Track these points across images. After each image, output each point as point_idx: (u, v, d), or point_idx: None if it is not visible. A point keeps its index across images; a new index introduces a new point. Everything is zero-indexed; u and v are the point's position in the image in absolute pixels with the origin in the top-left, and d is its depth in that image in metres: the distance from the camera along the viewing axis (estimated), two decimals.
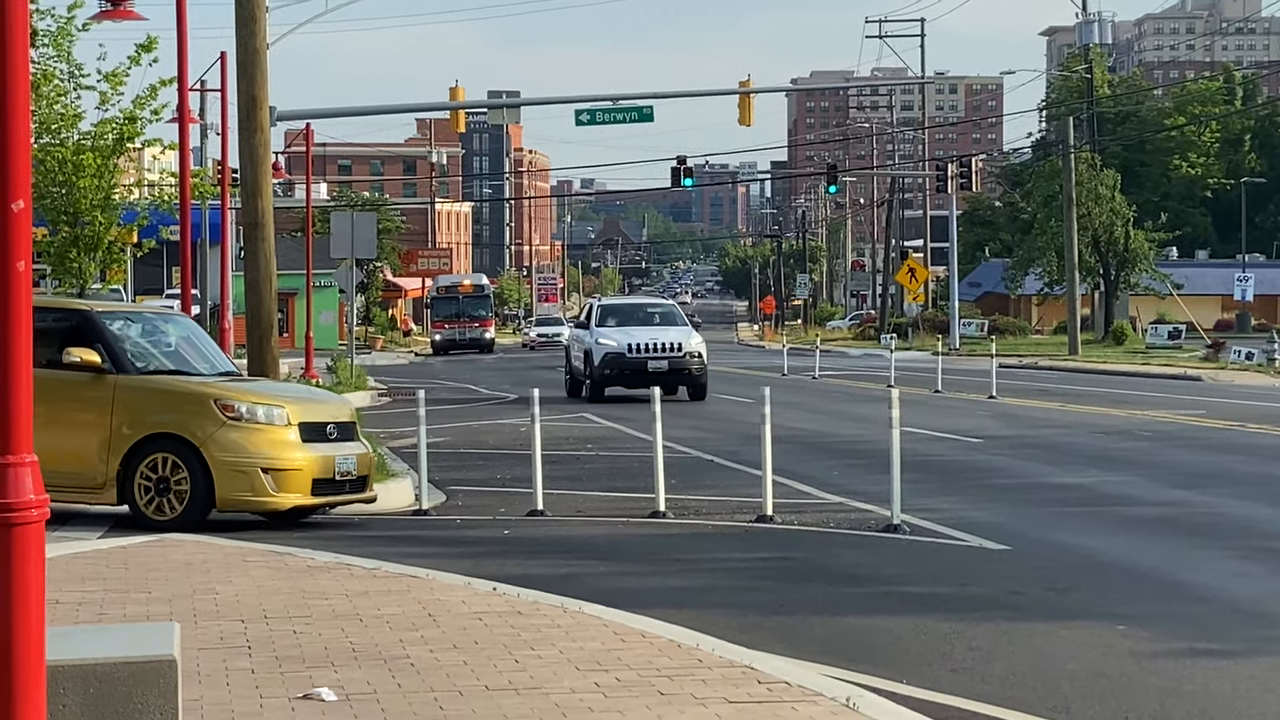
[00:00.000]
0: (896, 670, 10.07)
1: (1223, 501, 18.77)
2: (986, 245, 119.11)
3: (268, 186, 24.30)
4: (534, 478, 18.57)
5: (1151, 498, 19.27)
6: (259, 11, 24.06)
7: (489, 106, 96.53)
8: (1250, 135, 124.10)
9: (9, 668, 5.58)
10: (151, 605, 11.69)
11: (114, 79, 28.60)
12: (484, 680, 9.24)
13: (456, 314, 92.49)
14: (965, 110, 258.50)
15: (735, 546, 16.03)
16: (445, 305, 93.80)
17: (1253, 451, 25.16)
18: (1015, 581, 13.60)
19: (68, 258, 29.23)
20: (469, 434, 29.76)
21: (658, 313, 41.38)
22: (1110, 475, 21.77)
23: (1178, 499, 19.09)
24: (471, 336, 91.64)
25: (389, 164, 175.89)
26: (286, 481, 16.62)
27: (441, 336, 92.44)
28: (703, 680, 9.23)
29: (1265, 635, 11.28)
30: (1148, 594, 12.99)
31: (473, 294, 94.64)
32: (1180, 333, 79.46)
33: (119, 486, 16.58)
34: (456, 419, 33.01)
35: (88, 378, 16.75)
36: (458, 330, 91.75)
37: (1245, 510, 18.04)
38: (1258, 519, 17.38)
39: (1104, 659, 10.53)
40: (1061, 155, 75.68)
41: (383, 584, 12.67)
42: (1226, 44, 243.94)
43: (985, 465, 23.54)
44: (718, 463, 23.92)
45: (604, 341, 37.53)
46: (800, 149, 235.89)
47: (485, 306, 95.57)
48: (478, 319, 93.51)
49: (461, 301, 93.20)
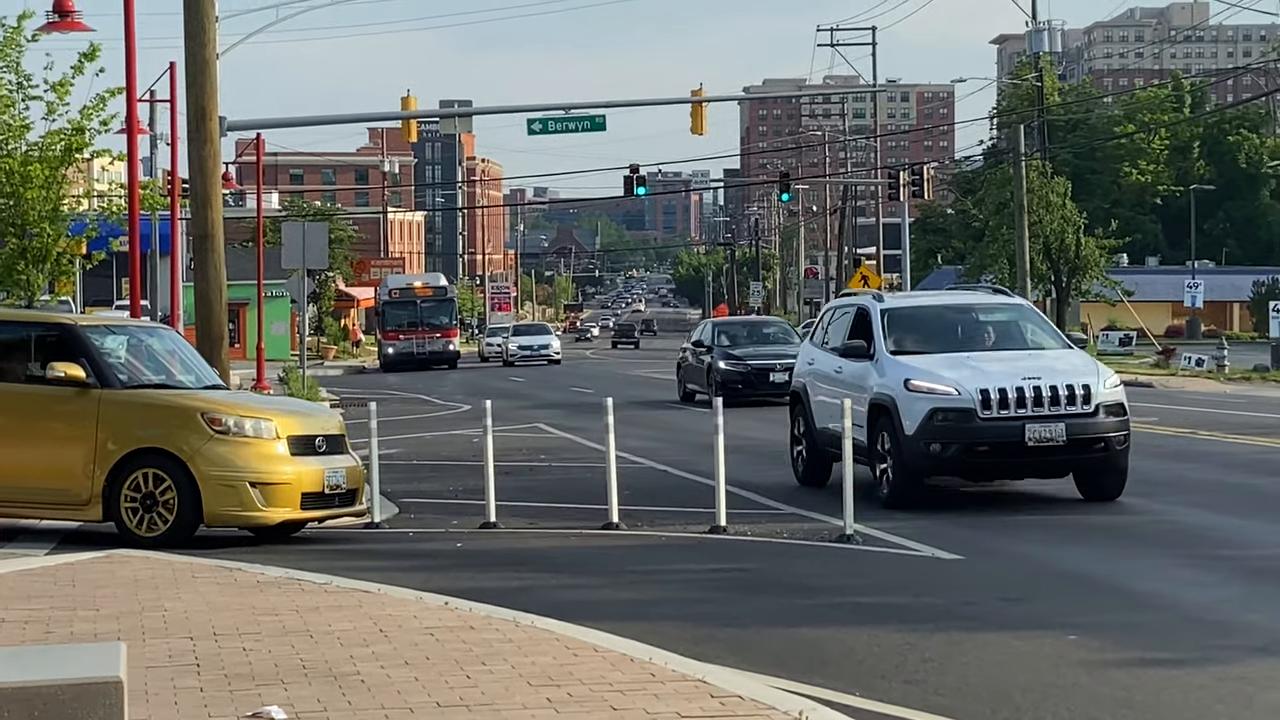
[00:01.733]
0: (850, 682, 10.05)
1: (1174, 509, 18.80)
2: (939, 252, 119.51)
3: (218, 197, 24.21)
4: (487, 490, 18.51)
5: (1104, 506, 19.29)
6: (208, 22, 23.97)
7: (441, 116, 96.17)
8: (1199, 143, 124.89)
9: None
10: (99, 623, 11.59)
11: (60, 89, 28.45)
12: (436, 697, 9.19)
13: (412, 322, 77.75)
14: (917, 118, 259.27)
15: (688, 558, 16.00)
16: (398, 311, 78.50)
17: (1204, 459, 25.22)
18: (968, 591, 13.62)
19: (15, 269, 29.05)
20: (422, 445, 29.67)
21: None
22: (1062, 483, 21.74)
23: (1130, 507, 19.10)
24: (431, 350, 77.13)
25: (341, 173, 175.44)
26: (275, 496, 16.52)
27: (394, 350, 77.28)
28: (655, 695, 9.20)
29: (1217, 644, 11.30)
30: (1100, 603, 13.00)
31: (432, 298, 79.70)
32: (1131, 339, 79.93)
33: (104, 503, 16.45)
34: (407, 429, 32.91)
35: (72, 392, 16.64)
36: (414, 341, 77.05)
37: (1197, 518, 18.09)
38: (1209, 527, 17.43)
39: (1056, 669, 10.54)
40: (1013, 163, 75.90)
41: (334, 599, 12.60)
42: (1175, 52, 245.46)
43: None
44: (671, 473, 23.90)
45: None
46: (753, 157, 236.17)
47: (447, 312, 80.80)
48: (439, 328, 78.62)
49: (419, 307, 78.34)
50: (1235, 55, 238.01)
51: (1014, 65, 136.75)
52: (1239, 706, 9.54)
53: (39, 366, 17.02)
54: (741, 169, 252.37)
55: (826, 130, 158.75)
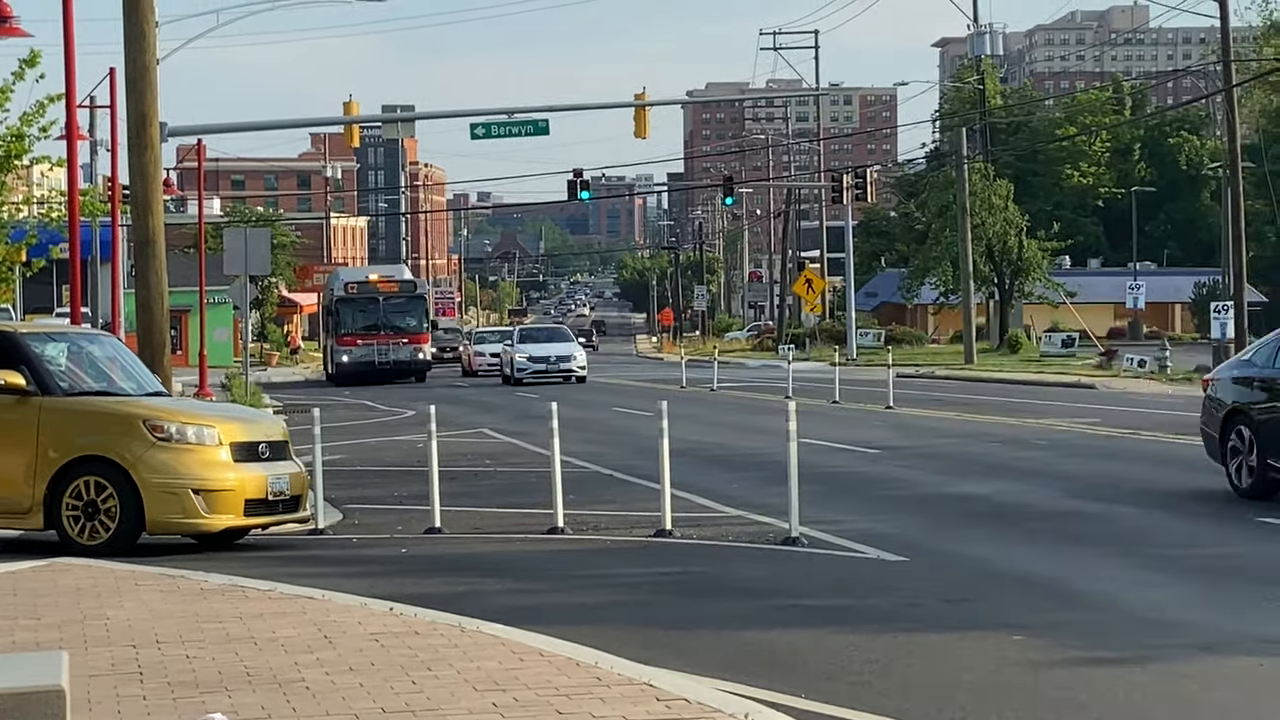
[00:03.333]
0: (795, 684, 10.07)
1: (1115, 509, 18.91)
2: (882, 255, 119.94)
3: (159, 204, 24.09)
4: (431, 495, 18.50)
5: (1047, 507, 19.41)
6: (148, 27, 23.86)
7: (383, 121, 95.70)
8: (1140, 145, 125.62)
9: None
10: (40, 632, 11.53)
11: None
12: (380, 703, 9.17)
13: (372, 324, 64.06)
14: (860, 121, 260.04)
15: (634, 562, 16.01)
16: (356, 311, 64.53)
17: (1146, 459, 25.41)
18: (913, 593, 13.65)
19: None
20: (366, 451, 29.61)
21: None
22: (1007, 485, 21.91)
23: (1073, 508, 19.22)
24: (397, 359, 64.15)
25: (283, 179, 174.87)
26: (218, 502, 16.48)
27: (350, 357, 63.63)
28: (601, 699, 9.20)
29: (1159, 643, 11.36)
30: (1043, 603, 13.06)
31: (398, 295, 66.13)
32: (1074, 341, 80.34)
33: (46, 511, 16.38)
34: (352, 434, 32.84)
35: (12, 400, 16.56)
36: (375, 348, 63.46)
37: (1140, 519, 18.20)
38: (1149, 527, 17.55)
39: (1000, 669, 10.59)
40: (955, 165, 76.33)
41: (278, 606, 12.56)
42: (1116, 54, 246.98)
43: (883, 476, 23.62)
44: (616, 477, 23.90)
45: None
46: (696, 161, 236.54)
47: (416, 313, 66.13)
48: (405, 332, 64.71)
49: (381, 306, 64.71)
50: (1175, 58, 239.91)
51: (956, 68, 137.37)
52: (1182, 705, 9.61)
53: None
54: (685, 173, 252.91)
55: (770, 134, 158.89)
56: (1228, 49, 56.04)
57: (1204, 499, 19.74)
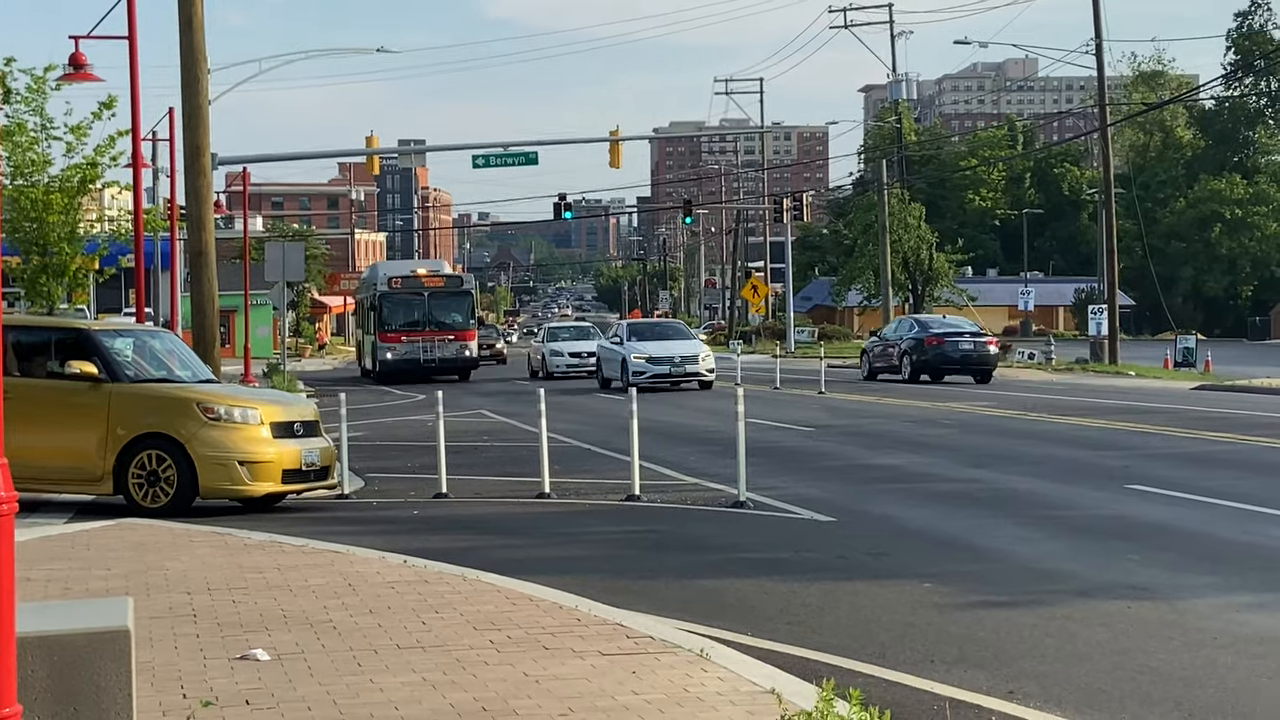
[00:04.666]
0: (743, 624, 10.08)
1: (1010, 478, 18.95)
2: (816, 266, 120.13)
3: (210, 221, 24.02)
4: (439, 465, 18.46)
5: (952, 475, 19.44)
6: (201, 74, 23.77)
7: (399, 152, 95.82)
8: (1030, 174, 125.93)
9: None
10: (110, 580, 11.49)
11: (78, 131, 28.34)
12: (395, 640, 9.16)
13: (419, 320, 52.75)
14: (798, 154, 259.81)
15: (608, 521, 16.01)
16: (400, 306, 53.11)
17: (1034, 436, 25.47)
18: (841, 548, 13.67)
19: (38, 283, 28.91)
20: (384, 429, 29.52)
21: None
22: (918, 457, 21.95)
23: (973, 476, 19.26)
24: (442, 356, 52.60)
25: (315, 200, 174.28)
26: (260, 472, 16.48)
27: (394, 355, 52.36)
28: (580, 636, 9.20)
29: (1044, 589, 11.41)
30: (949, 556, 13.10)
31: (443, 290, 54.30)
32: None
33: (115, 479, 16.40)
34: (372, 416, 32.74)
35: (87, 386, 16.54)
36: (421, 345, 52.31)
37: (1028, 485, 18.24)
38: (1038, 493, 17.59)
39: (913, 611, 10.62)
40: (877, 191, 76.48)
41: (309, 559, 12.53)
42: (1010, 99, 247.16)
43: (816, 450, 23.65)
44: (594, 450, 23.89)
45: None
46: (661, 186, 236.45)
47: (462, 308, 54.22)
48: (452, 328, 53.19)
49: (427, 301, 53.13)
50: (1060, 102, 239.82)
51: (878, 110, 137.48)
52: (1065, 640, 9.64)
53: (59, 365, 16.94)
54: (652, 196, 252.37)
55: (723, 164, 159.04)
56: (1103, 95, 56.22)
57: (1082, 469, 19.80)
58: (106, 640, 6.28)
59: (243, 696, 7.79)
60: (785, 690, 7.73)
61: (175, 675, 8.27)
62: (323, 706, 7.59)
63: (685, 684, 7.98)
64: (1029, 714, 7.81)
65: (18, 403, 15.19)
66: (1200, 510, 15.65)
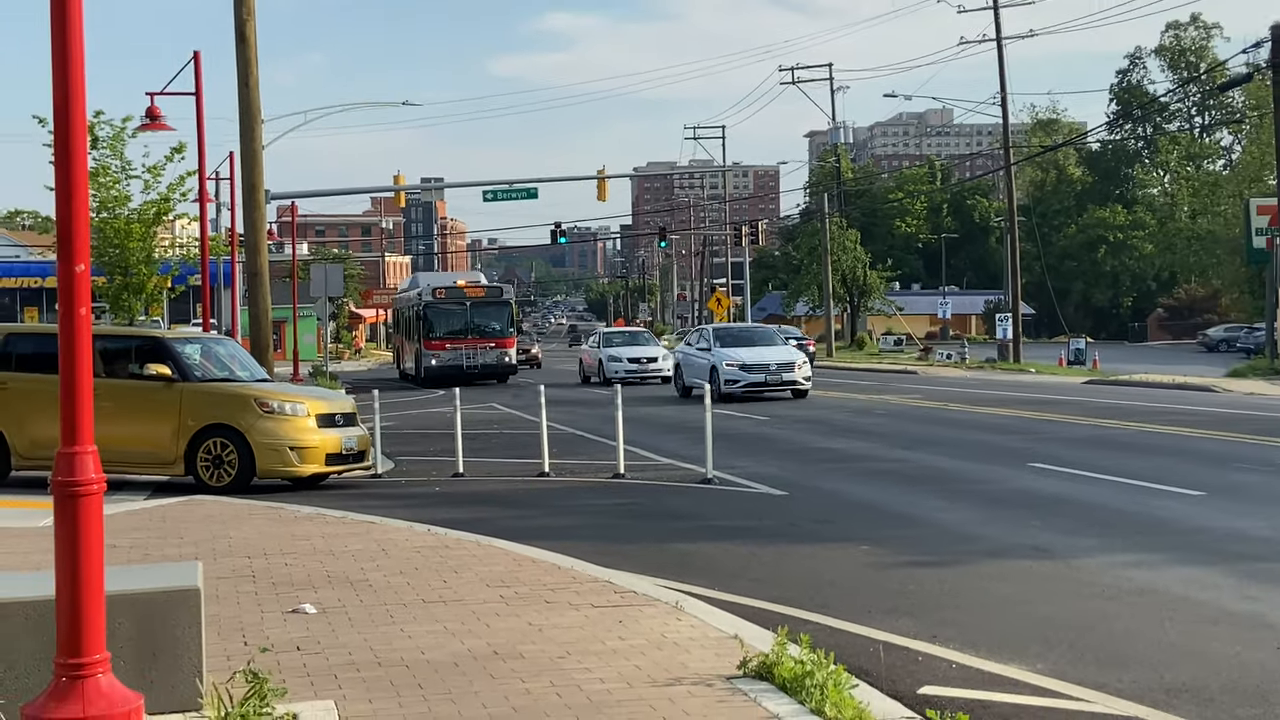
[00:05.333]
0: (711, 581, 10.08)
1: (932, 458, 19.00)
2: (770, 282, 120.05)
3: (264, 247, 23.93)
4: (456, 450, 18.43)
5: (886, 456, 19.48)
6: (256, 124, 23.69)
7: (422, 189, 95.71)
8: (947, 204, 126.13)
9: (79, 598, 5.45)
10: (183, 547, 11.46)
11: (154, 171, 28.26)
12: (421, 595, 9.15)
13: (462, 329, 47.94)
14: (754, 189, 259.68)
15: (598, 496, 16.00)
16: (445, 315, 48.19)
17: (953, 424, 25.53)
18: (793, 517, 13.68)
19: (120, 299, 28.84)
20: (410, 419, 29.46)
21: None
22: (857, 441, 21.97)
23: (902, 457, 19.30)
24: (485, 362, 47.63)
25: (351, 229, 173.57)
26: (308, 456, 16.50)
27: (438, 361, 46.93)
28: (576, 592, 9.20)
29: (963, 550, 11.43)
30: (884, 523, 13.12)
31: (484, 299, 48.97)
32: (902, 341, 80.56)
33: (186, 462, 16.42)
34: (401, 409, 32.66)
35: (162, 385, 16.56)
36: (464, 352, 47.40)
37: (947, 464, 18.29)
38: (957, 470, 17.63)
39: (854, 570, 10.63)
40: (820, 219, 76.49)
41: (349, 528, 12.51)
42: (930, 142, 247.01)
43: (771, 436, 23.66)
44: (587, 437, 23.86)
45: None
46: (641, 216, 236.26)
47: (502, 317, 48.91)
48: (493, 336, 48.22)
49: (469, 311, 48.28)
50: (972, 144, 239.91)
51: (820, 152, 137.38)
52: (979, 593, 9.67)
53: (139, 367, 16.91)
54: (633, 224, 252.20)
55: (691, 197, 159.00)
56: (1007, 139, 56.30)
57: (993, 450, 19.84)
58: (180, 598, 6.26)
59: (294, 644, 7.78)
60: (747, 636, 7.74)
61: (238, 626, 8.25)
62: (361, 651, 7.58)
63: (664, 631, 7.98)
64: (950, 654, 7.83)
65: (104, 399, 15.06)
66: (1091, 485, 15.69)
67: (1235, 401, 30.02)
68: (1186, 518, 12.99)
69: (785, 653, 6.83)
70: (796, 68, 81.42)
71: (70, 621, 5.41)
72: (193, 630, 6.24)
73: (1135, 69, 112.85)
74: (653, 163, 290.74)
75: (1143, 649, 7.96)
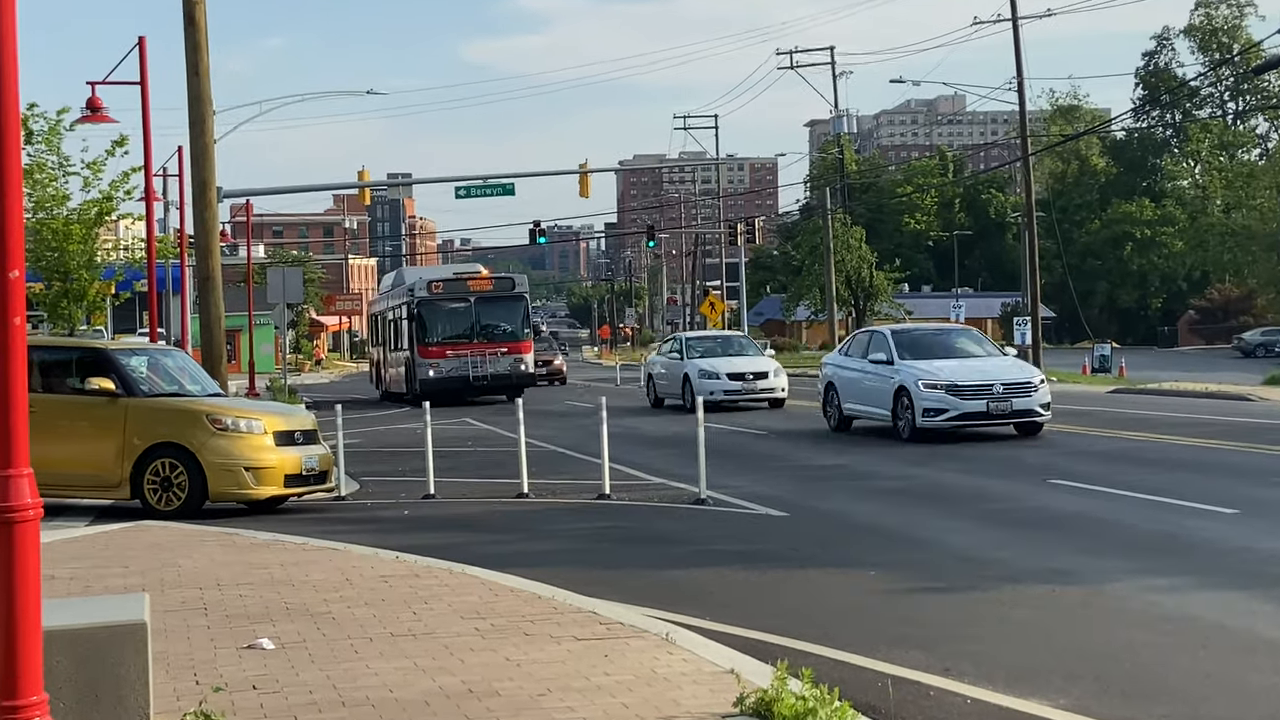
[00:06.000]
0: (704, 610, 10.07)
1: (942, 475, 18.98)
2: (768, 284, 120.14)
3: (216, 249, 23.90)
4: (427, 469, 18.42)
5: (892, 473, 19.48)
6: (207, 116, 23.67)
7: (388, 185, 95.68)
8: (959, 199, 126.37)
9: (14, 634, 5.44)
10: (128, 578, 11.42)
11: (94, 167, 28.22)
12: (389, 629, 9.13)
13: (466, 331, 41.36)
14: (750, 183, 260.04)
15: (581, 518, 15.99)
16: (444, 315, 41.60)
17: (963, 437, 25.49)
18: (793, 540, 13.69)
19: (59, 306, 28.78)
20: (377, 436, 29.44)
21: None
22: (862, 456, 21.99)
23: (911, 474, 19.29)
24: (495, 372, 41.04)
25: (311, 229, 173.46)
26: (264, 477, 16.46)
27: (438, 372, 40.66)
28: (557, 623, 9.19)
29: (975, 574, 11.44)
30: (891, 547, 13.11)
31: (493, 294, 42.53)
32: None
33: (131, 485, 16.40)
34: (367, 425, 32.63)
35: (105, 400, 16.51)
36: (469, 360, 40.86)
37: (959, 481, 18.29)
38: (968, 488, 17.63)
39: (858, 597, 10.64)
40: (822, 216, 76.63)
41: (310, 555, 12.48)
42: (941, 132, 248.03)
43: (769, 452, 23.65)
44: (568, 454, 23.85)
45: None
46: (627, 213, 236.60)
47: (515, 316, 42.41)
48: (505, 340, 41.65)
49: (475, 308, 41.75)
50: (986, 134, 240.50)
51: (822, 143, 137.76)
52: (995, 621, 9.68)
53: (79, 381, 16.88)
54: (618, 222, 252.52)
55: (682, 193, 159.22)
56: (1024, 127, 56.49)
57: (1009, 466, 19.85)
58: (125, 633, 6.26)
59: (250, 682, 7.76)
60: (744, 670, 7.74)
61: (189, 664, 8.23)
62: (323, 690, 7.57)
63: (653, 665, 7.98)
64: (964, 689, 7.84)
65: (43, 416, 15.10)
66: (1116, 502, 15.72)
67: (1272, 411, 30.10)
68: (1220, 538, 13.02)
69: (786, 688, 6.84)
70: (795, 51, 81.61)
71: (4, 661, 5.40)
72: (138, 668, 6.24)
73: (1163, 51, 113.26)
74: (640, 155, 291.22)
75: (1174, 681, 7.98)
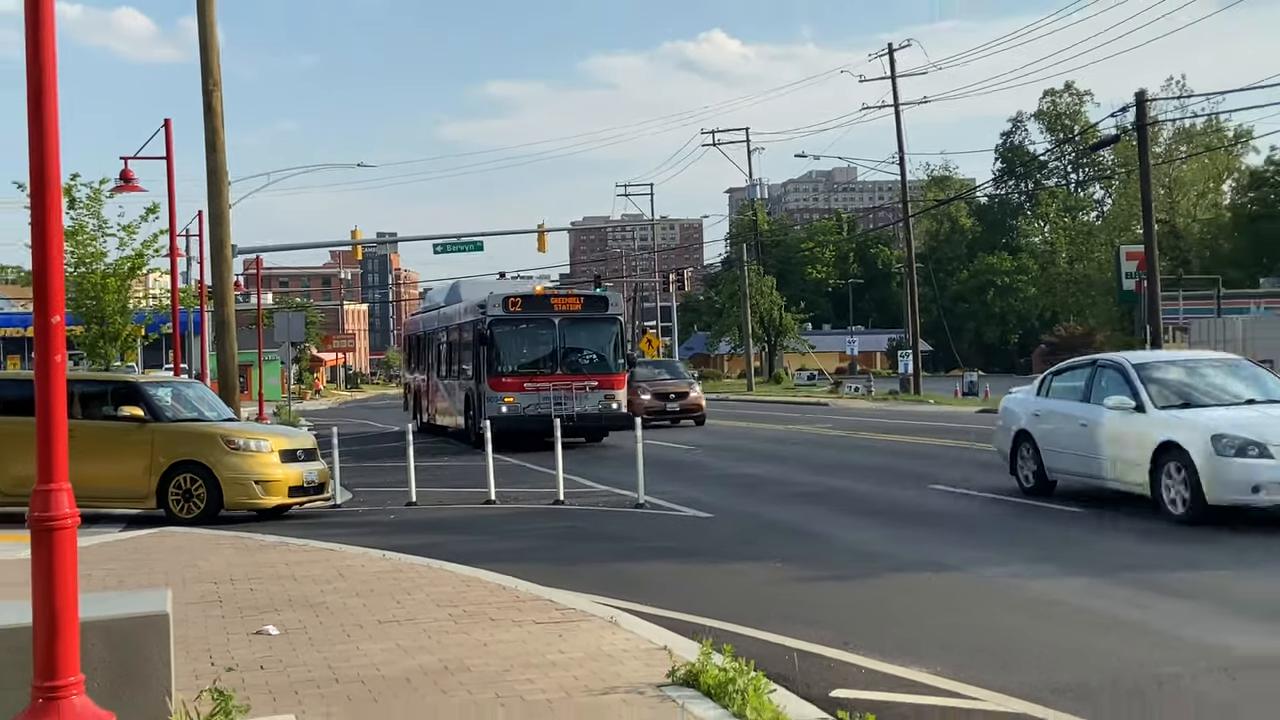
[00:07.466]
0: (643, 597, 10.04)
1: (843, 482, 19.07)
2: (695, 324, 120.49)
3: (230, 297, 23.70)
4: (409, 481, 18.28)
5: (800, 480, 19.52)
6: (223, 185, 23.51)
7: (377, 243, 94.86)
8: (853, 253, 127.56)
9: (54, 624, 5.35)
10: (154, 575, 11.25)
11: (129, 230, 28.01)
12: (377, 616, 9.04)
13: (549, 360, 27.11)
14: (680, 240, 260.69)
15: (539, 520, 15.91)
16: (523, 339, 27.24)
17: (861, 449, 25.68)
18: (716, 538, 13.67)
19: (97, 346, 28.49)
20: (368, 453, 29.16)
21: None
22: (774, 467, 22.03)
23: (815, 481, 19.36)
24: (583, 410, 26.67)
25: (312, 279, 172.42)
26: (271, 489, 16.26)
27: (511, 409, 26.40)
28: (519, 609, 9.13)
29: (863, 565, 11.47)
30: (800, 542, 13.13)
31: (582, 314, 27.49)
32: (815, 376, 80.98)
33: (158, 496, 16.17)
34: (360, 444, 32.33)
35: (135, 425, 16.32)
36: (553, 395, 26.64)
37: (856, 487, 18.37)
38: (864, 493, 17.71)
39: (765, 584, 10.64)
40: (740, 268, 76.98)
41: (309, 555, 12.35)
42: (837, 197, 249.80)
43: (697, 463, 23.66)
44: (529, 467, 23.72)
45: None
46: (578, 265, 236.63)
47: (608, 343, 27.59)
48: (594, 371, 27.17)
49: (560, 331, 27.13)
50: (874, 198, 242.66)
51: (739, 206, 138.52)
52: (879, 604, 9.71)
53: (114, 409, 16.64)
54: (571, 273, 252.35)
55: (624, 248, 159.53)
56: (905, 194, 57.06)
57: (897, 473, 19.96)
58: (150, 622, 6.15)
59: (258, 663, 7.65)
60: (675, 647, 7.73)
61: (205, 648, 8.11)
62: (320, 669, 7.47)
63: (600, 644, 7.94)
64: (858, 659, 7.85)
65: (82, 439, 14.87)
66: (986, 504, 15.84)
67: None
68: (1083, 533, 13.12)
69: (710, 662, 6.83)
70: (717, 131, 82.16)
71: (46, 647, 5.31)
72: (162, 652, 6.13)
73: (1017, 131, 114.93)
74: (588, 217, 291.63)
75: (1032, 649, 8.03)
